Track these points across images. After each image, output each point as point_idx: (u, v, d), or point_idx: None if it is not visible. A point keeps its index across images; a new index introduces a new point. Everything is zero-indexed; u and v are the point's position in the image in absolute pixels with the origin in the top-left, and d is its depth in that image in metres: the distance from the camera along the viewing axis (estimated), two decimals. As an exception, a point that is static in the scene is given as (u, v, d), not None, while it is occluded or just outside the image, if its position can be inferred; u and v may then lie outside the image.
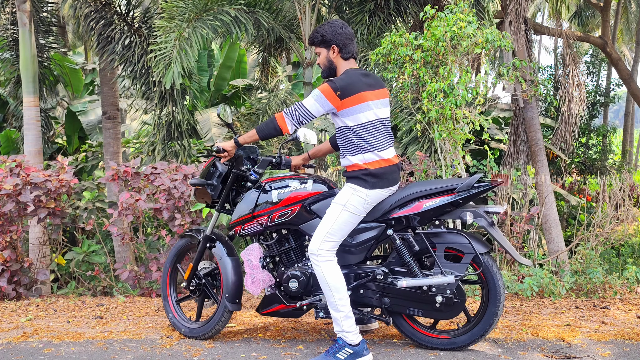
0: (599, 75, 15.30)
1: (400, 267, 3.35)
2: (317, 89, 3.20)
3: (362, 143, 3.21)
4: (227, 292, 3.53)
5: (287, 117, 3.19)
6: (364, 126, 3.22)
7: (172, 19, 6.85)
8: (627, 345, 3.51)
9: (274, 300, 3.49)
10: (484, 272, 3.31)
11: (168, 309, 3.78)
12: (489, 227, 3.28)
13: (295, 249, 3.52)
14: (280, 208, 3.39)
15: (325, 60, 3.34)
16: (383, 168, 3.23)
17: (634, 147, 20.74)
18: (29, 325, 4.04)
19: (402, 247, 3.32)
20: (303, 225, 3.41)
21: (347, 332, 3.18)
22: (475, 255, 3.25)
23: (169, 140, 7.93)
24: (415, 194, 3.29)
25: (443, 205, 3.24)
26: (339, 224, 3.21)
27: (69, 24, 16.57)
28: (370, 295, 3.36)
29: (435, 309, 3.31)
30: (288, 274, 3.41)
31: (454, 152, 4.97)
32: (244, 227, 3.49)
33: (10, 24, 8.63)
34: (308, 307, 3.45)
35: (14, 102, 9.63)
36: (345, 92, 3.17)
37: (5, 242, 4.85)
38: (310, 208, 3.39)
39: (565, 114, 8.25)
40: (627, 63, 21.66)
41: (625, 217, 5.24)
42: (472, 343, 3.40)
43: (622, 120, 20.33)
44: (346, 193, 3.23)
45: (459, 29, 4.69)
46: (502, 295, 3.33)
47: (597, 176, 13.08)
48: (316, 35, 3.33)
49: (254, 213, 3.44)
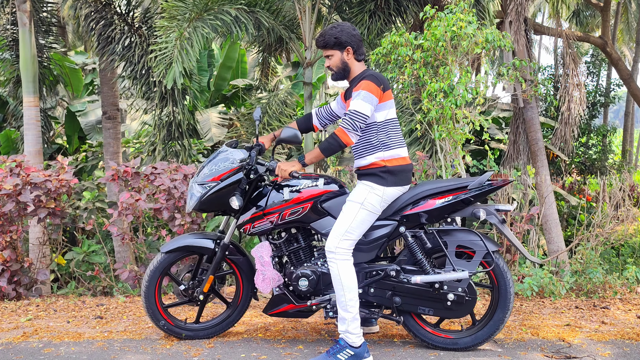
0: (599, 75, 15.30)
1: (411, 265, 3.37)
2: (362, 89, 3.17)
3: (386, 140, 3.27)
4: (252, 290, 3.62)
5: (348, 131, 3.18)
6: (389, 122, 3.30)
7: (172, 19, 6.84)
8: (627, 345, 3.52)
9: (283, 300, 3.46)
10: (495, 274, 3.34)
11: (159, 316, 3.59)
12: (500, 225, 3.34)
13: (304, 248, 3.51)
14: (291, 205, 3.38)
15: (340, 62, 3.32)
16: (401, 166, 3.29)
17: (634, 147, 20.74)
18: (29, 325, 4.04)
19: (414, 245, 3.34)
20: (314, 224, 3.41)
21: (351, 334, 3.18)
22: (486, 253, 3.28)
23: (169, 140, 7.92)
24: (427, 191, 3.34)
25: (455, 202, 3.29)
26: (357, 222, 3.23)
27: (68, 24, 16.58)
28: (381, 294, 3.35)
29: (446, 308, 3.32)
30: (298, 273, 3.40)
31: (454, 152, 4.97)
32: (253, 225, 3.45)
33: (10, 24, 8.62)
34: (317, 307, 3.43)
35: (13, 102, 9.63)
36: (385, 86, 3.25)
37: (5, 242, 4.85)
38: (322, 206, 3.40)
39: (565, 114, 8.25)
40: (627, 63, 21.65)
41: (625, 217, 5.24)
42: (475, 346, 3.40)
43: (622, 120, 20.32)
44: (363, 191, 3.25)
45: (459, 29, 4.69)
46: (511, 302, 3.35)
47: (597, 176, 13.08)
48: (329, 37, 3.29)
49: (265, 210, 3.42)
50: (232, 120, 12.39)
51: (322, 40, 3.33)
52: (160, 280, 3.58)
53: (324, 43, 3.32)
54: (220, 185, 3.39)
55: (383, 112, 3.27)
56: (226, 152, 3.48)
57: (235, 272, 3.67)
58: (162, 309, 3.61)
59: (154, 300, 3.57)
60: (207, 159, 3.55)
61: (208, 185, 3.41)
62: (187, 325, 3.68)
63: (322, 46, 3.34)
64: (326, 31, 3.32)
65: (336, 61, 3.32)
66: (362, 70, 3.34)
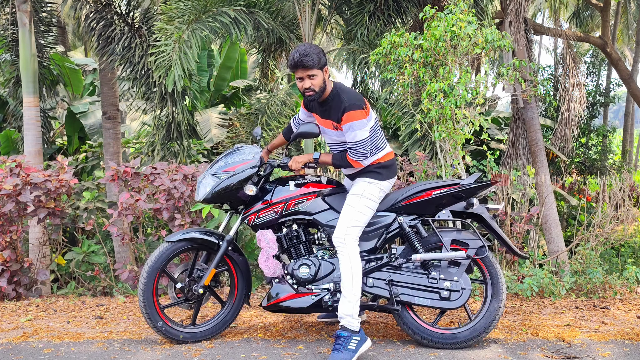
0: (599, 75, 15.31)
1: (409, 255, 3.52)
2: (351, 121, 3.27)
3: (375, 144, 3.46)
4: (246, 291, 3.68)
5: (360, 161, 3.42)
6: (376, 129, 3.49)
7: (171, 21, 6.84)
8: (627, 345, 3.52)
9: (283, 290, 3.51)
10: (486, 265, 3.53)
11: (157, 317, 3.50)
12: (490, 219, 3.58)
13: (305, 242, 3.59)
14: (297, 196, 3.52)
15: (322, 82, 3.32)
16: (391, 160, 3.54)
17: (634, 147, 20.73)
18: (29, 325, 4.04)
19: (410, 233, 3.50)
20: (317, 215, 3.54)
21: (353, 318, 3.29)
22: (479, 247, 3.47)
23: (169, 141, 7.92)
24: (423, 186, 3.58)
25: (449, 194, 3.51)
26: (361, 210, 3.41)
27: (68, 24, 16.58)
28: (378, 284, 3.47)
29: (442, 298, 3.43)
30: (299, 262, 3.51)
31: (454, 152, 4.97)
32: (258, 216, 3.53)
33: (10, 24, 8.62)
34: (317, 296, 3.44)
35: (13, 102, 9.63)
36: (364, 103, 3.37)
37: (5, 242, 4.85)
38: (325, 200, 3.56)
39: (565, 114, 8.26)
40: (627, 63, 21.65)
41: (625, 217, 5.24)
42: (473, 339, 3.43)
43: (622, 120, 20.32)
44: (362, 185, 3.46)
45: (458, 29, 4.69)
46: (504, 292, 3.51)
47: (597, 176, 13.08)
48: (315, 56, 3.24)
49: (271, 200, 3.52)
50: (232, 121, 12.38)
51: (310, 61, 3.22)
52: (158, 277, 3.50)
53: (312, 63, 3.22)
54: (235, 176, 3.47)
55: (370, 123, 3.41)
56: (241, 148, 3.61)
57: (232, 269, 3.68)
58: (160, 309, 3.54)
59: (151, 298, 3.47)
60: (222, 154, 3.65)
61: (222, 176, 3.49)
62: (184, 327, 3.63)
63: (309, 66, 3.23)
64: (310, 51, 3.24)
65: (319, 81, 3.30)
66: (331, 87, 3.38)
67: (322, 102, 3.44)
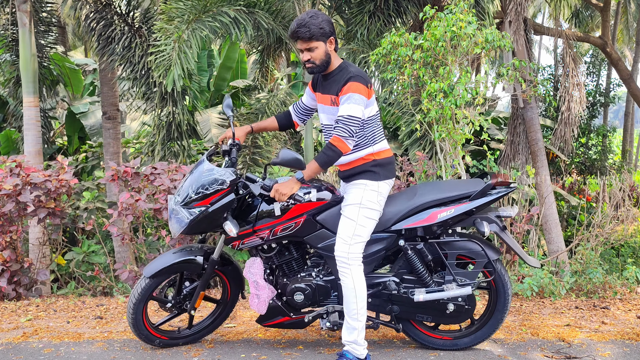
0: (599, 75, 15.32)
1: (409, 274, 3.31)
2: (352, 92, 3.00)
3: (373, 135, 3.16)
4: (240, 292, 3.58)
5: (344, 139, 3.00)
6: (375, 118, 3.18)
7: (171, 21, 6.84)
8: (627, 345, 3.52)
9: (278, 312, 3.35)
10: (494, 280, 3.32)
11: (152, 337, 3.45)
12: (501, 232, 3.26)
13: (297, 259, 3.36)
14: (284, 221, 3.19)
15: (324, 55, 3.08)
16: (388, 158, 3.21)
17: (634, 147, 20.73)
18: (29, 326, 4.04)
19: (413, 257, 3.26)
20: (308, 237, 3.24)
21: (359, 345, 3.10)
22: (487, 262, 3.26)
23: (169, 141, 7.92)
24: (427, 203, 3.22)
25: (458, 215, 3.20)
26: (362, 223, 3.09)
27: (68, 24, 16.57)
28: (380, 303, 3.30)
29: (445, 316, 3.31)
30: (292, 287, 3.28)
31: (454, 152, 4.97)
32: (243, 242, 3.25)
33: (10, 24, 8.62)
34: (314, 318, 3.35)
35: (13, 102, 9.63)
36: (370, 83, 3.10)
37: (5, 242, 4.85)
38: (316, 219, 3.24)
39: (565, 114, 8.27)
40: (627, 63, 21.65)
41: (625, 217, 5.24)
42: (474, 345, 3.42)
43: (622, 120, 20.33)
44: (358, 192, 3.13)
45: (458, 29, 4.69)
46: (509, 302, 3.36)
47: (597, 176, 13.08)
48: (314, 28, 3.01)
49: (254, 228, 3.21)
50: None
51: (307, 32, 3.01)
52: (145, 307, 3.40)
53: (310, 34, 3.02)
54: (210, 209, 3.14)
55: (370, 109, 3.13)
56: (212, 170, 3.17)
57: (224, 280, 3.58)
58: (153, 329, 3.47)
59: (143, 326, 3.41)
60: (188, 173, 3.29)
61: (197, 210, 3.14)
62: (182, 332, 3.59)
63: (307, 38, 3.03)
64: (308, 21, 3.02)
65: (320, 54, 3.07)
66: (340, 62, 3.14)
67: (326, 76, 3.18)
